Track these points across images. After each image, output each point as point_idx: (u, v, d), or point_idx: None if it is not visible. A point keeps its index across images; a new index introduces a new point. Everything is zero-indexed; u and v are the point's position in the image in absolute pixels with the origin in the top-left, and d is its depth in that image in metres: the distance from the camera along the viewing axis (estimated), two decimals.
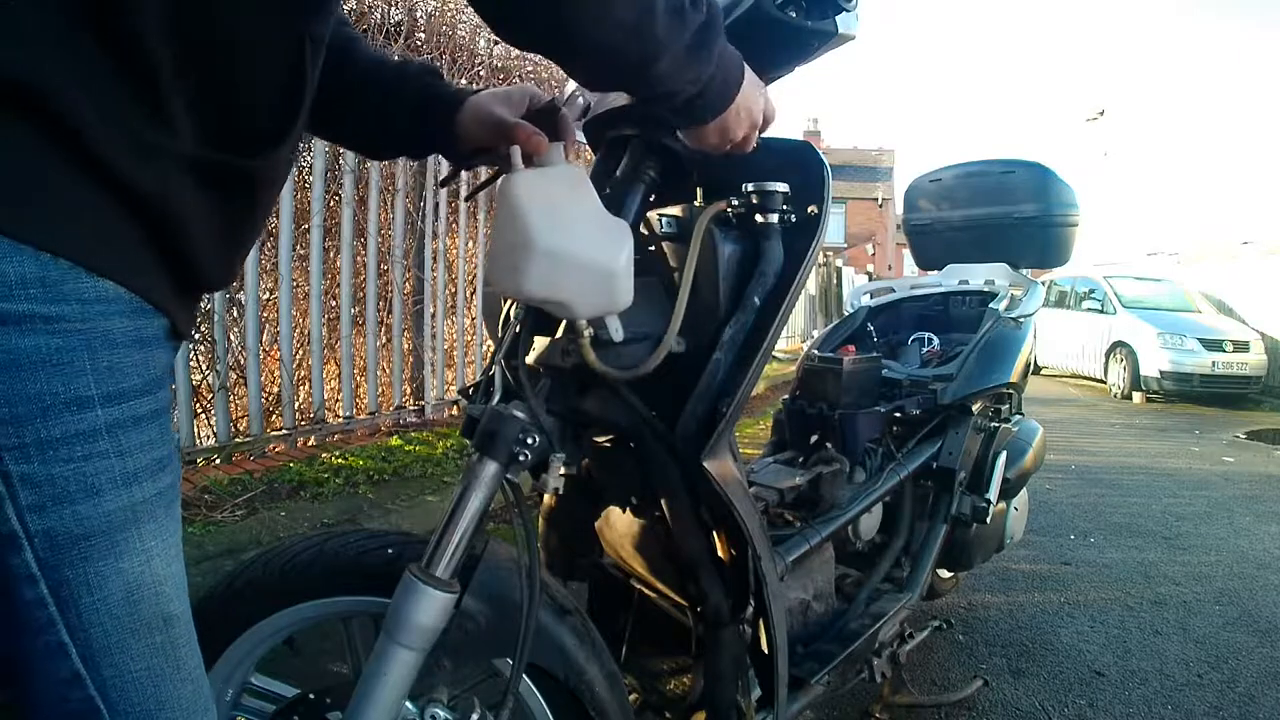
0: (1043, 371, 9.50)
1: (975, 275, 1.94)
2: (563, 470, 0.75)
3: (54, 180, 0.44)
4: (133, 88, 0.45)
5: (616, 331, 0.74)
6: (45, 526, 0.46)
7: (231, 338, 2.62)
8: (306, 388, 2.93)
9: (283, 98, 0.55)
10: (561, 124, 0.75)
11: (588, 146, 1.02)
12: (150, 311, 0.49)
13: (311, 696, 0.79)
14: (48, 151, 0.43)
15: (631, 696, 1.04)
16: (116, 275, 0.47)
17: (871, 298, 1.99)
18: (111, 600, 0.49)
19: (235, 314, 2.64)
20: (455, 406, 3.51)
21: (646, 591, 1.13)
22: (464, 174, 2.73)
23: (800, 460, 1.35)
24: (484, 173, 0.87)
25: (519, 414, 0.72)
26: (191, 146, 0.49)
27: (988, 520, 1.50)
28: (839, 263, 13.76)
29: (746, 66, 0.68)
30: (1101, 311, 8.44)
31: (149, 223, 0.48)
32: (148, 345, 0.50)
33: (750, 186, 0.84)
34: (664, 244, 0.91)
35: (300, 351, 2.93)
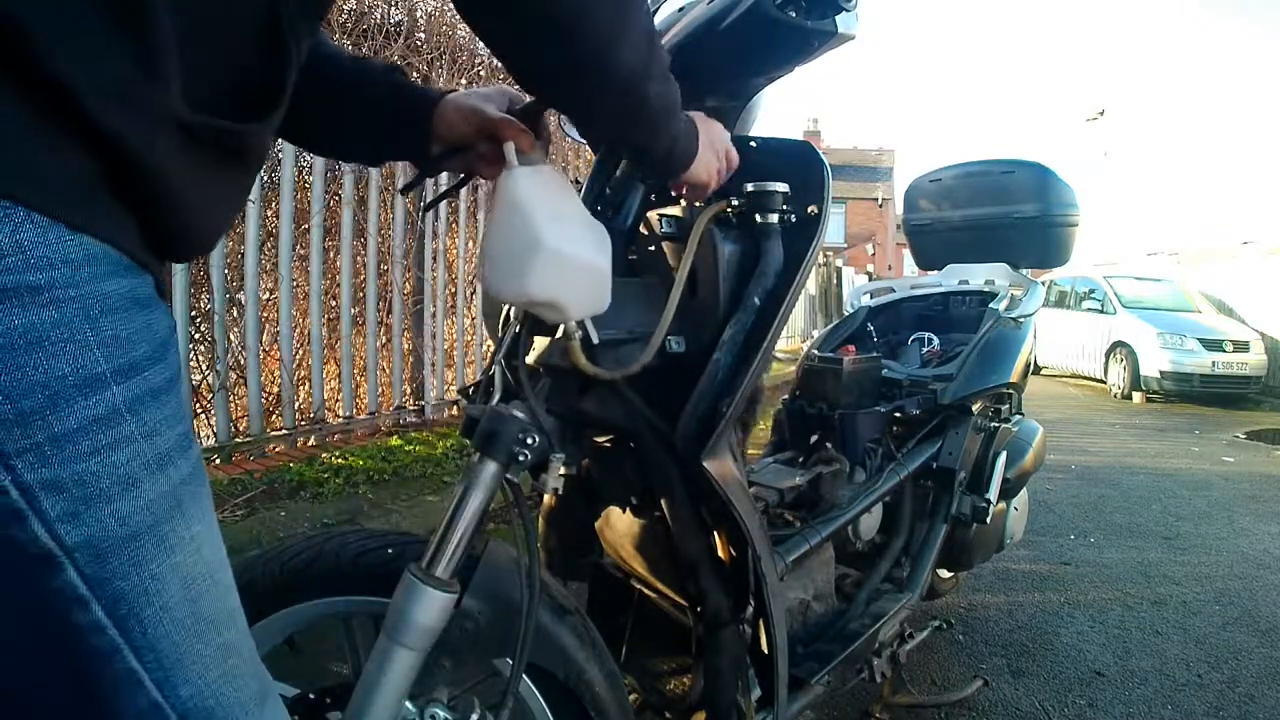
0: (1043, 371, 9.50)
1: (975, 275, 1.94)
2: (562, 470, 0.75)
3: (18, 126, 0.37)
4: (118, 30, 0.39)
5: (594, 334, 0.74)
6: (85, 536, 0.39)
7: (231, 338, 2.62)
8: (306, 388, 2.93)
9: (270, 62, 0.49)
10: (543, 125, 0.74)
11: (588, 147, 1.02)
12: (138, 269, 0.43)
13: (311, 696, 0.79)
14: (11, 95, 0.36)
15: (631, 696, 1.04)
16: (100, 231, 0.40)
17: (871, 298, 1.99)
18: (173, 605, 0.43)
19: (235, 314, 2.64)
20: (455, 406, 3.51)
21: (646, 591, 1.13)
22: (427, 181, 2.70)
23: (800, 460, 1.35)
24: (443, 181, 0.86)
25: (519, 414, 0.72)
26: (180, 104, 0.43)
27: (988, 520, 1.50)
28: (839, 263, 13.75)
29: (702, 122, 0.75)
30: (1101, 311, 8.44)
31: (128, 173, 0.41)
32: (146, 307, 0.43)
33: (750, 186, 0.84)
34: (664, 244, 0.91)
35: (300, 351, 2.93)
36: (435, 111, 0.73)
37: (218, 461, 2.46)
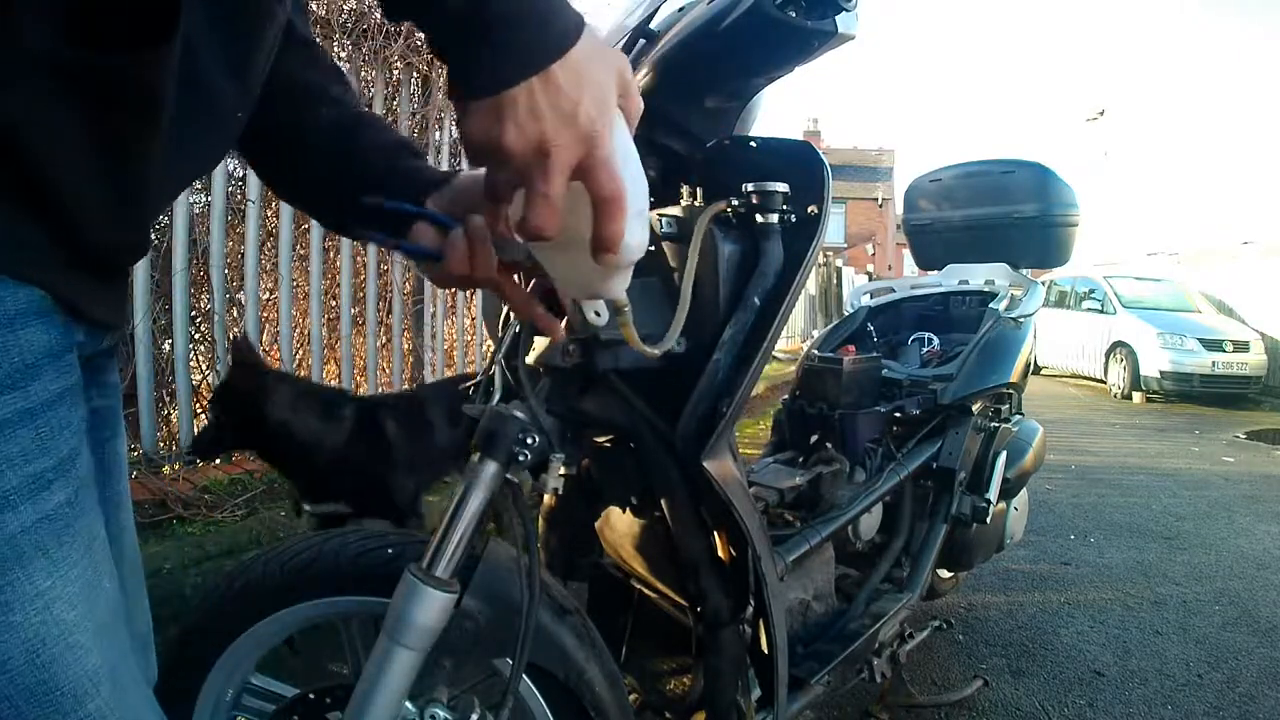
0: (1043, 371, 9.50)
1: (975, 275, 1.94)
2: (562, 470, 0.75)
3: None
4: None
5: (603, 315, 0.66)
6: None
7: (232, 338, 2.62)
8: None
9: None
10: None
11: None
12: (6, 281, 0.37)
13: (311, 696, 0.79)
14: None
15: (631, 696, 1.04)
16: None
17: (871, 298, 1.99)
18: (13, 668, 0.39)
19: (235, 314, 2.64)
20: None
21: (646, 591, 1.13)
22: None
23: (800, 460, 1.35)
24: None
25: (519, 414, 0.72)
26: (34, 39, 0.35)
27: (988, 520, 1.50)
28: (839, 263, 13.76)
29: (599, 60, 0.41)
30: (1101, 311, 8.44)
31: None
32: (8, 326, 0.38)
33: (750, 186, 0.84)
34: (664, 244, 0.91)
35: (300, 351, 2.93)
36: (440, 193, 0.61)
37: (218, 461, 2.46)
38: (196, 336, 2.55)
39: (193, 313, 2.48)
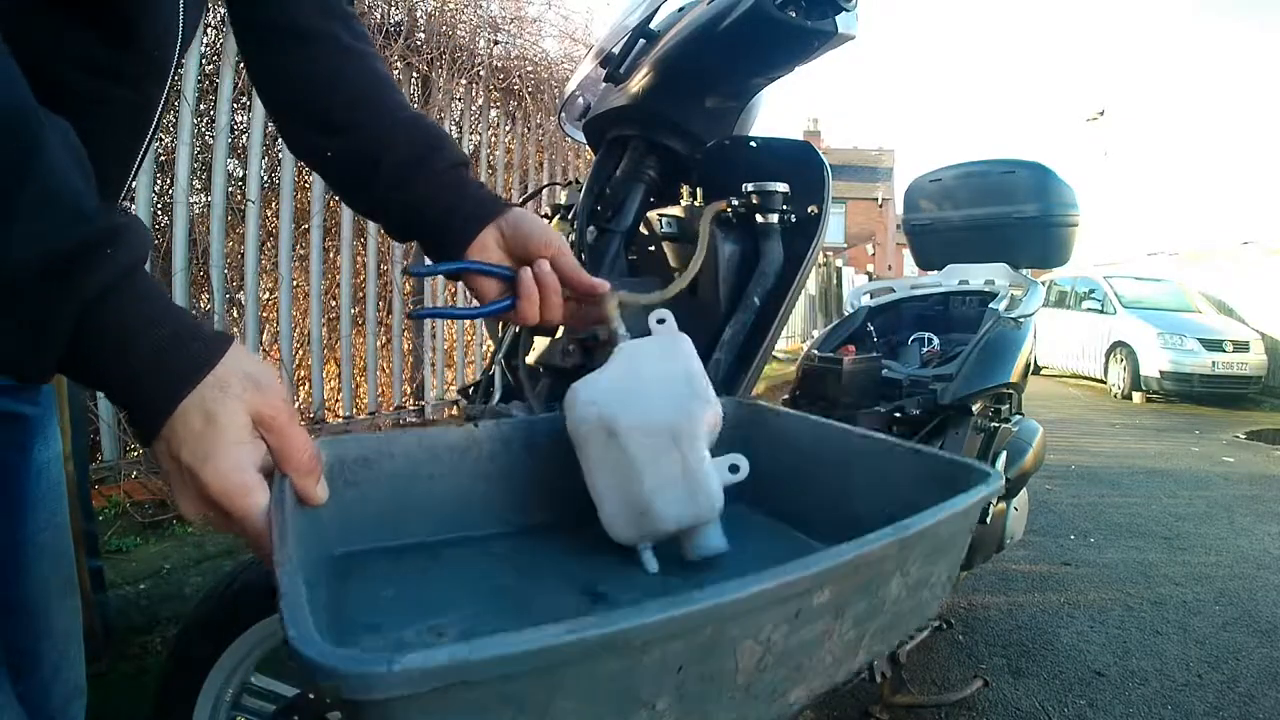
0: (1043, 371, 9.50)
1: (975, 275, 1.94)
2: None
3: None
4: None
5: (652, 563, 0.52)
6: None
7: None
8: (306, 388, 2.93)
9: None
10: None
11: (588, 147, 1.02)
12: None
13: (311, 696, 0.79)
14: None
15: None
16: None
17: (871, 298, 1.99)
18: None
19: (235, 314, 2.64)
20: (455, 406, 3.51)
21: None
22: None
23: None
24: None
25: (519, 414, 0.72)
26: None
27: (988, 520, 1.50)
28: (839, 263, 13.76)
29: (240, 371, 0.38)
30: (1101, 311, 8.44)
31: None
32: None
33: (750, 186, 0.84)
34: (664, 244, 0.91)
35: (300, 351, 2.93)
36: (491, 225, 0.56)
37: None
38: None
39: (193, 312, 2.48)
